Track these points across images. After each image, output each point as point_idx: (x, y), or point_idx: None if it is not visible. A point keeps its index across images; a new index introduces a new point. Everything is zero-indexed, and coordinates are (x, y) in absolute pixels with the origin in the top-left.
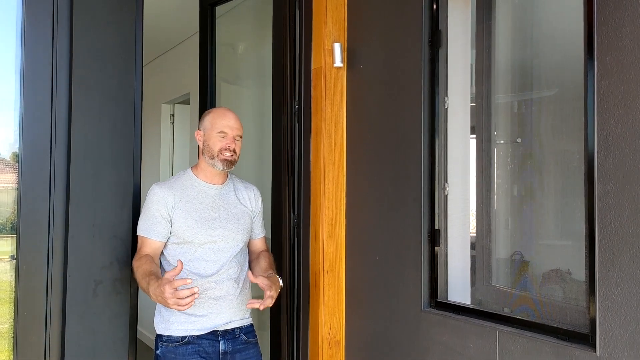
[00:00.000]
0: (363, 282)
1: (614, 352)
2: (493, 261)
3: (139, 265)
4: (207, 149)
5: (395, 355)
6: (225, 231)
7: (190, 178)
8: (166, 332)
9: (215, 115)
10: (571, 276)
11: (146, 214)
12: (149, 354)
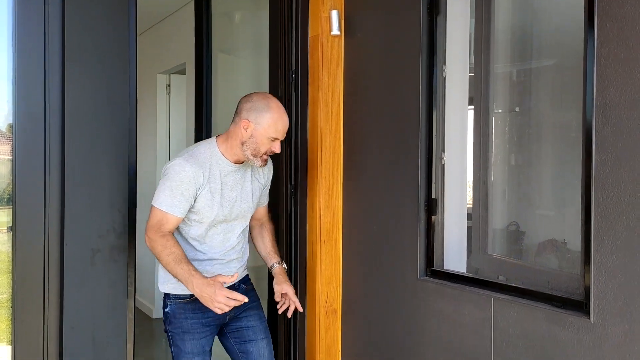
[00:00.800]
0: (360, 251)
1: (607, 318)
2: (489, 230)
3: (168, 245)
4: (252, 145)
5: (392, 323)
6: (240, 211)
7: (216, 156)
8: (174, 291)
9: (273, 117)
10: (566, 246)
11: (173, 191)
12: (147, 323)
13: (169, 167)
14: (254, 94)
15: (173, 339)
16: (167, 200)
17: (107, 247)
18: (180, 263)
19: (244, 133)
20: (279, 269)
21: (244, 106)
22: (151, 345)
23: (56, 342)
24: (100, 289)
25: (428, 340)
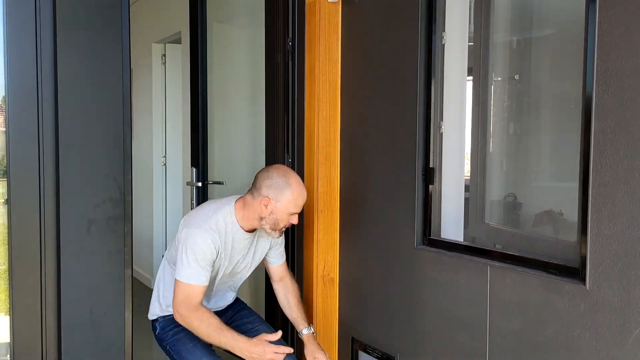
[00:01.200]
0: (357, 221)
1: (603, 285)
2: (487, 199)
3: (204, 318)
4: (272, 221)
5: (389, 291)
6: (244, 272)
7: (233, 224)
8: (162, 314)
9: (295, 194)
10: (563, 217)
11: (199, 263)
12: (146, 293)
13: (188, 239)
14: (273, 169)
15: (174, 349)
16: (194, 273)
17: (104, 217)
18: (222, 331)
19: (263, 209)
20: (308, 336)
21: (264, 183)
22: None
23: (54, 312)
24: (98, 259)
25: (425, 309)
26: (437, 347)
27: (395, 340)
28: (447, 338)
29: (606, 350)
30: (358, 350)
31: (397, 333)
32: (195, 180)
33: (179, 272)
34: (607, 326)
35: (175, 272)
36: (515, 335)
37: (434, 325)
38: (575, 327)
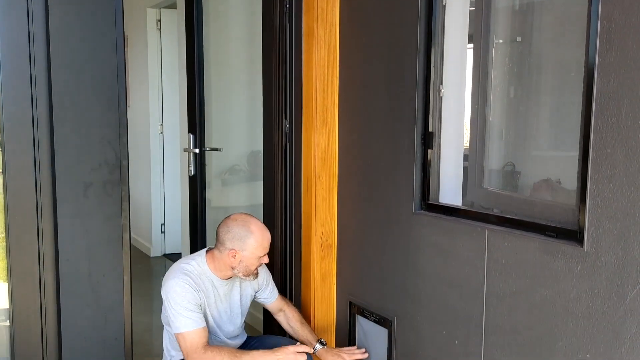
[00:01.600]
0: (355, 186)
1: (602, 246)
2: (486, 166)
3: (215, 352)
4: (243, 268)
5: (387, 256)
6: (231, 319)
7: (208, 275)
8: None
9: (258, 239)
10: (561, 185)
11: (186, 310)
12: (145, 261)
13: (168, 293)
14: (230, 222)
15: None
16: (186, 321)
17: (100, 180)
18: (239, 354)
19: (233, 260)
20: (322, 351)
21: (226, 237)
22: (150, 283)
23: (52, 275)
24: (95, 222)
25: (422, 272)
26: (434, 310)
27: (392, 304)
28: (444, 301)
29: (602, 311)
30: (356, 314)
31: (395, 297)
32: (192, 147)
33: (174, 327)
34: (604, 287)
35: (172, 329)
36: (512, 297)
37: (431, 289)
38: (572, 288)
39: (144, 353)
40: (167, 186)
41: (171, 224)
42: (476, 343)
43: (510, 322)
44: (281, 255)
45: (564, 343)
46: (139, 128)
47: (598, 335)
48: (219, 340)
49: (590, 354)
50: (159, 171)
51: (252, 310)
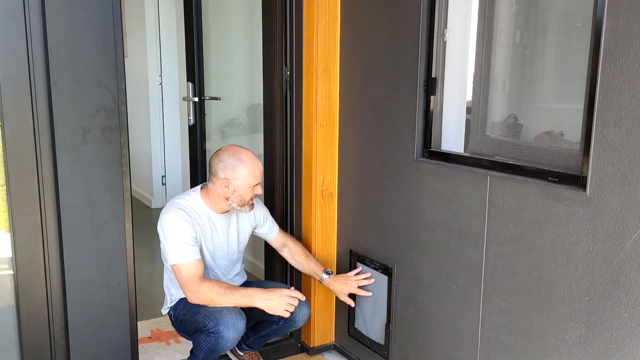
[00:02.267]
0: (356, 134)
1: (604, 190)
2: (489, 109)
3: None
4: (238, 198)
5: (387, 204)
6: (228, 254)
7: (203, 208)
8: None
9: (247, 168)
10: (563, 137)
11: (179, 243)
12: (147, 212)
13: (163, 226)
14: (222, 152)
15: (189, 315)
16: (180, 253)
17: (99, 126)
18: (235, 290)
19: (226, 190)
20: (330, 279)
21: (218, 167)
22: (152, 233)
23: (54, 222)
24: (95, 169)
25: (423, 219)
26: (434, 257)
27: (392, 251)
28: (445, 248)
29: (603, 255)
30: (356, 262)
31: (395, 244)
32: (191, 96)
33: (169, 258)
34: (605, 231)
35: (168, 261)
36: (512, 242)
37: (431, 236)
38: (573, 233)
39: (148, 300)
40: (167, 138)
41: (172, 176)
42: (475, 288)
43: (509, 267)
44: (282, 204)
45: (563, 286)
46: (137, 80)
47: (597, 278)
48: (216, 277)
49: (588, 297)
50: (158, 123)
51: (253, 259)
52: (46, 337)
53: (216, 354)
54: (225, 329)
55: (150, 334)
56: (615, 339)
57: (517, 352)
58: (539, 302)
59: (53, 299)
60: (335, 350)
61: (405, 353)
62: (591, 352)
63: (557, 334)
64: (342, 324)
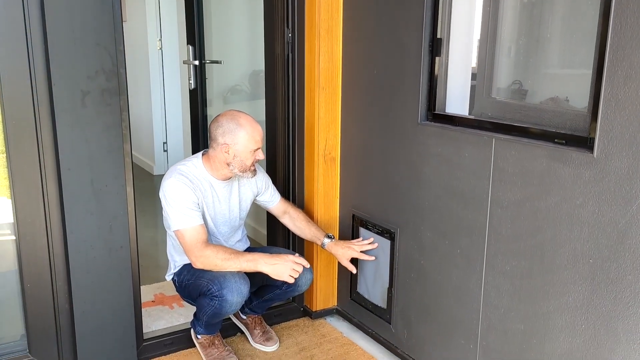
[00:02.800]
0: (359, 97)
1: (612, 152)
2: (495, 71)
3: (215, 251)
4: (239, 163)
5: (390, 168)
6: (229, 221)
7: (204, 175)
8: (176, 270)
9: (247, 132)
10: (568, 103)
11: (182, 208)
12: (148, 178)
13: (165, 192)
14: (220, 117)
15: (193, 280)
16: (182, 218)
17: (98, 89)
18: (238, 256)
19: (226, 156)
20: (332, 243)
21: (217, 132)
22: (154, 199)
23: (55, 185)
24: (94, 132)
25: (426, 183)
26: (437, 221)
27: (395, 216)
28: (448, 211)
29: (609, 217)
30: (359, 226)
31: (398, 208)
32: (192, 59)
33: (172, 224)
34: (611, 193)
35: (171, 227)
36: (516, 206)
37: (434, 200)
38: (578, 195)
39: (151, 265)
40: (168, 104)
41: (173, 142)
42: (478, 251)
43: (513, 230)
44: (284, 169)
45: (567, 249)
46: (137, 45)
47: (602, 240)
48: (218, 243)
49: (593, 259)
50: (159, 88)
51: (256, 225)
52: (50, 300)
53: (219, 317)
54: (229, 293)
55: (154, 298)
56: (619, 301)
57: (519, 315)
58: (542, 265)
59: (56, 263)
60: (337, 315)
61: (407, 316)
62: (594, 314)
63: (559, 297)
64: (344, 289)
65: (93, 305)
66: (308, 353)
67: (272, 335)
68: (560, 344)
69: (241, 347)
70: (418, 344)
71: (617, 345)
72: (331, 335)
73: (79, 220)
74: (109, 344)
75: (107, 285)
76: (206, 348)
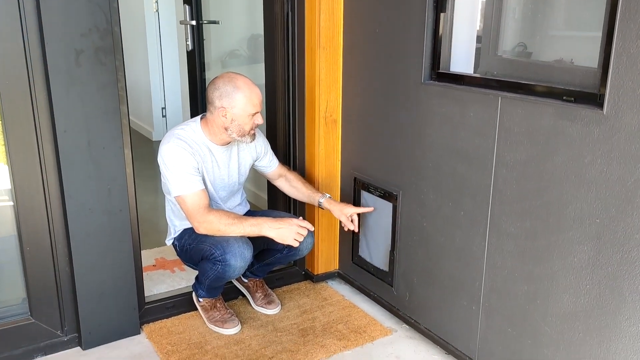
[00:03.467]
0: (361, 57)
1: (622, 109)
2: (501, 27)
3: (218, 216)
4: (236, 128)
5: (393, 129)
6: (229, 186)
7: (203, 140)
8: (176, 234)
9: (244, 95)
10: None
11: (182, 173)
12: (148, 144)
13: (164, 157)
14: (218, 80)
15: (194, 244)
16: (183, 184)
17: (92, 47)
18: (242, 220)
19: (224, 120)
20: (327, 201)
21: (214, 95)
22: (153, 165)
23: (52, 148)
24: (89, 92)
25: (430, 144)
26: (441, 182)
27: (397, 178)
28: (452, 173)
29: (617, 175)
30: (360, 189)
31: (400, 170)
32: (188, 19)
33: (172, 190)
34: (621, 151)
35: (171, 193)
36: (522, 166)
37: (438, 161)
38: (587, 153)
39: (151, 229)
40: (166, 68)
41: (172, 107)
42: (482, 213)
43: (518, 191)
44: (285, 132)
45: (573, 208)
46: (132, 7)
47: (610, 200)
48: (218, 207)
49: (599, 219)
50: (156, 52)
51: (256, 189)
52: (50, 264)
53: (222, 281)
54: (232, 258)
55: (155, 262)
56: (626, 261)
57: (522, 276)
58: (547, 225)
59: (55, 227)
60: (339, 278)
61: (410, 279)
62: (600, 274)
63: (564, 257)
64: (345, 252)
65: (94, 268)
66: (310, 316)
67: (273, 298)
68: (564, 304)
69: (243, 310)
70: (420, 306)
71: (623, 304)
72: (333, 299)
73: (77, 183)
74: (110, 306)
75: (107, 249)
76: (208, 311)
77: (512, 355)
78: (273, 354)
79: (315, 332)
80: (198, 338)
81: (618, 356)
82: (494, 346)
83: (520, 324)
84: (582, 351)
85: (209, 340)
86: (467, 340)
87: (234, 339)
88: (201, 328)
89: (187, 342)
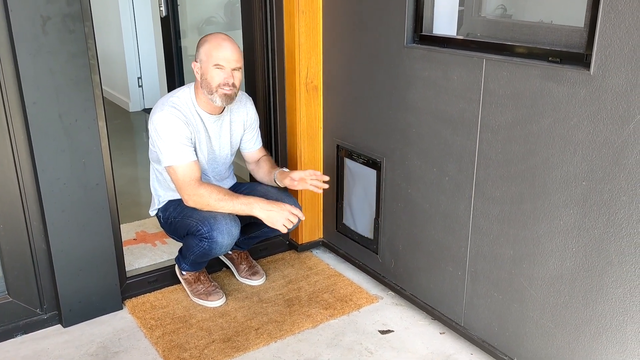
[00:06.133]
0: (341, 21)
1: (609, 68)
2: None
3: (209, 190)
4: (205, 83)
5: (375, 95)
6: (220, 157)
7: (197, 108)
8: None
9: (210, 46)
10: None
11: (174, 143)
12: (125, 115)
13: (157, 125)
14: (201, 40)
15: (180, 218)
16: (175, 154)
17: (59, 14)
18: (233, 198)
19: (197, 76)
20: (280, 172)
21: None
22: (131, 136)
23: (21, 120)
24: (59, 61)
25: (413, 109)
26: (425, 148)
27: (381, 144)
28: (436, 138)
29: (604, 137)
30: (343, 157)
31: (384, 136)
32: None
33: (164, 160)
34: (608, 112)
35: (162, 163)
36: (507, 129)
37: (422, 127)
38: (573, 115)
39: (132, 203)
40: (140, 36)
41: (148, 77)
42: (467, 178)
43: (504, 155)
44: (264, 100)
45: (560, 171)
46: None
47: (597, 161)
48: (208, 180)
49: (586, 182)
50: (129, 18)
51: (241, 161)
52: (25, 241)
53: (207, 257)
54: (220, 235)
55: (135, 235)
56: (612, 223)
57: (508, 240)
58: (533, 189)
59: (28, 202)
60: (323, 247)
61: (395, 246)
62: (586, 237)
63: (550, 221)
64: (329, 221)
65: (72, 244)
66: (295, 285)
67: (258, 269)
68: (549, 267)
69: (227, 282)
70: (406, 272)
71: (609, 267)
72: (318, 268)
73: (49, 157)
74: (90, 283)
75: (85, 223)
76: (192, 284)
77: (498, 319)
78: (259, 325)
79: (301, 302)
80: (182, 312)
81: (604, 318)
82: (480, 310)
83: (506, 288)
84: (568, 314)
85: (193, 314)
86: (454, 305)
87: (218, 312)
88: (185, 302)
89: (171, 316)
